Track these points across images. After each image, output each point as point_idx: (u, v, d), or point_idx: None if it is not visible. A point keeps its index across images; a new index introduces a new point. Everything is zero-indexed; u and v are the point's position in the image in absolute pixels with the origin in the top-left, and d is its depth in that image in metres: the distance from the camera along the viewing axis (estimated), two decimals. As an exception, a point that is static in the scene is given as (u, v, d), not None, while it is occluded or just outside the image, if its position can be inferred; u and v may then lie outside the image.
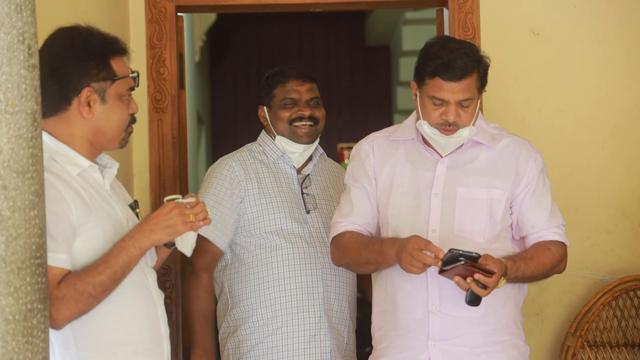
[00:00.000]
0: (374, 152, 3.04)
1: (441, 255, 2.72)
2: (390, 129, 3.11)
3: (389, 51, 9.34)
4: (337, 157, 9.39)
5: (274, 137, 3.44)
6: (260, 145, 3.47)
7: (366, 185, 3.02)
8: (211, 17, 7.72)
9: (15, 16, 1.96)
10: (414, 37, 8.30)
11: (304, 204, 3.40)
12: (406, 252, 2.75)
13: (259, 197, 3.35)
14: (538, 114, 4.01)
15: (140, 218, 2.54)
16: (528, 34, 4.00)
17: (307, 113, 3.39)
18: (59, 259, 2.28)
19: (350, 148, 9.34)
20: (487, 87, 2.97)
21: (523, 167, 2.97)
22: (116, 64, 2.46)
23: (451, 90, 2.86)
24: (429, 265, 2.75)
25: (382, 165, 3.02)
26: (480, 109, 3.01)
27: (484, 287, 2.73)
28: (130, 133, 2.53)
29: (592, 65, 4.02)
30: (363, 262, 2.95)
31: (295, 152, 3.42)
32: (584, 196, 3.98)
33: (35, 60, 2.01)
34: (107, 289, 2.33)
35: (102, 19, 3.63)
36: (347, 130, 9.38)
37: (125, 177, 3.82)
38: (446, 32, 4.09)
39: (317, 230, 3.37)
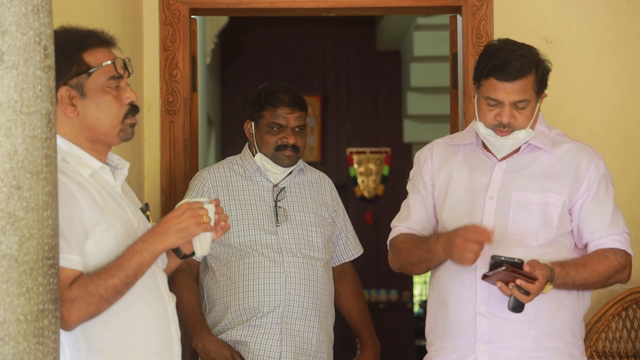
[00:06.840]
0: (432, 157, 3.05)
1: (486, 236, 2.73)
2: (452, 135, 3.13)
3: (400, 56, 9.32)
4: (346, 161, 9.38)
5: (255, 153, 3.57)
6: (240, 159, 3.61)
7: (422, 191, 3.04)
8: (223, 20, 7.72)
9: (32, 17, 1.96)
10: (425, 42, 8.30)
11: (276, 216, 3.51)
12: (461, 237, 2.74)
13: (230, 208, 3.49)
14: (550, 122, 3.97)
15: (151, 221, 2.53)
16: (542, 42, 3.99)
17: (291, 141, 3.52)
18: (71, 260, 2.27)
19: (359, 153, 9.32)
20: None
21: (583, 172, 2.94)
22: (91, 56, 2.39)
23: (505, 90, 2.84)
24: (481, 249, 2.74)
25: (439, 170, 3.03)
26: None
27: (527, 293, 2.71)
28: (132, 125, 2.44)
29: (605, 74, 4.01)
30: (414, 261, 2.96)
31: (273, 171, 3.56)
32: (595, 205, 3.96)
33: (51, 61, 2.02)
34: (119, 292, 2.32)
35: (115, 21, 3.63)
36: (355, 135, 9.38)
37: (136, 179, 3.82)
38: (459, 39, 4.09)
39: (285, 241, 3.49)
